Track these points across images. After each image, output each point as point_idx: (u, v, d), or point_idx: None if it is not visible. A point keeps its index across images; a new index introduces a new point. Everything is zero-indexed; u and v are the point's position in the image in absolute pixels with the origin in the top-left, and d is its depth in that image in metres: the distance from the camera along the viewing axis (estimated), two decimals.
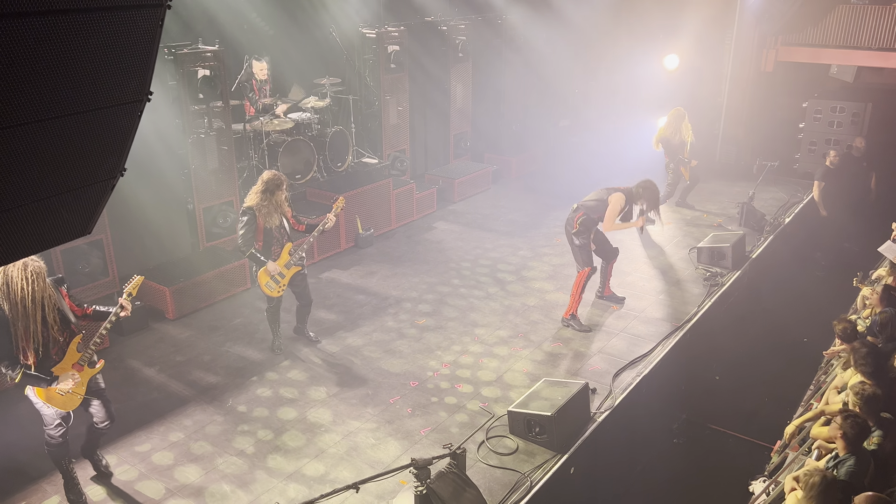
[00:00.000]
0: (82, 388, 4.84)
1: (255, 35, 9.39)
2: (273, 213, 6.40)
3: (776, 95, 13.28)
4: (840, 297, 8.68)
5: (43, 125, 2.17)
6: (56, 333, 4.69)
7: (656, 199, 7.56)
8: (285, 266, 6.62)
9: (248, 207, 6.36)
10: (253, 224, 6.37)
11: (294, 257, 6.63)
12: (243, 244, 6.40)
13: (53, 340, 4.68)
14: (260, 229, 6.41)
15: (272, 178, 6.37)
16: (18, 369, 4.50)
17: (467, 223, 10.61)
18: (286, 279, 6.69)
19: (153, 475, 5.38)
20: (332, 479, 5.34)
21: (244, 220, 6.36)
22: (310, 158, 9.59)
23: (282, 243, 6.58)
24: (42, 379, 4.61)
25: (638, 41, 13.64)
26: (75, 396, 4.80)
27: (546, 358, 7.01)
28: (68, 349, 4.77)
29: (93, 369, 4.91)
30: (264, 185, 6.36)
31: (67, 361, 4.77)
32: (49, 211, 2.46)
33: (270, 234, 6.47)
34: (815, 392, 6.69)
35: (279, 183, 6.37)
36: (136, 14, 2.22)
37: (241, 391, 6.43)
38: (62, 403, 4.77)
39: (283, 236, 6.59)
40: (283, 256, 6.60)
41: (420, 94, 11.71)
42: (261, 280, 6.56)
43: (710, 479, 6.48)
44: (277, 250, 6.56)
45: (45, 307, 4.59)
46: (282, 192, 6.41)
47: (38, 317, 4.55)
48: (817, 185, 10.45)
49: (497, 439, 5.81)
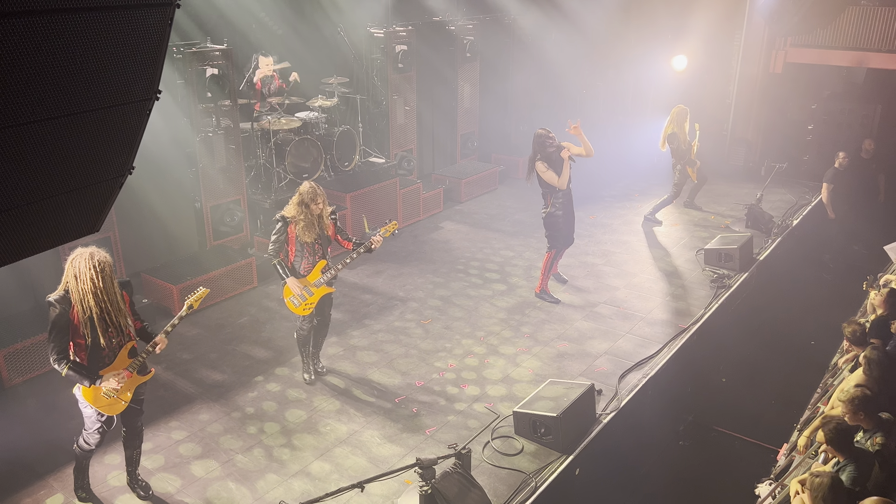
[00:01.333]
0: (128, 393, 4.72)
1: (263, 34, 9.41)
2: (310, 228, 6.00)
3: (785, 97, 13.22)
4: (848, 300, 8.63)
5: (51, 123, 2.18)
6: (112, 336, 4.56)
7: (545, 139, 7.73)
8: (314, 284, 6.17)
9: (282, 216, 6.04)
10: (283, 234, 6.03)
11: (325, 276, 6.18)
12: (270, 252, 6.09)
13: (107, 342, 4.55)
14: (291, 241, 6.07)
15: (307, 189, 5.98)
16: (65, 364, 4.42)
17: (474, 223, 10.61)
18: (314, 297, 6.21)
19: (160, 472, 5.39)
20: (337, 477, 5.35)
21: (277, 227, 6.06)
22: (317, 157, 9.61)
23: (315, 259, 6.17)
24: (87, 377, 4.49)
25: (646, 41, 13.61)
26: (120, 402, 4.68)
27: (552, 358, 7.01)
28: (119, 354, 4.64)
29: (143, 377, 4.80)
30: (299, 197, 6.00)
31: (117, 366, 4.63)
32: (57, 208, 2.47)
33: (304, 248, 6.09)
34: (822, 395, 6.65)
35: (314, 195, 5.95)
36: (145, 13, 2.23)
37: (247, 389, 6.44)
38: (107, 406, 4.65)
39: (317, 253, 6.16)
40: (313, 273, 6.18)
41: (427, 94, 11.71)
42: (285, 294, 6.21)
43: (715, 482, 6.45)
44: (309, 266, 6.17)
45: (110, 306, 4.46)
46: (318, 205, 5.97)
47: (98, 316, 4.43)
48: (826, 187, 10.40)
49: (502, 440, 5.81)
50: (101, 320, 4.47)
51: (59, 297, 4.42)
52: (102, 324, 4.48)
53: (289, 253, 6.13)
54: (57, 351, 4.43)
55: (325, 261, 6.20)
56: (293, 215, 6.00)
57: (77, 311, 4.41)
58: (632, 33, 13.91)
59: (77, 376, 4.49)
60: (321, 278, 6.18)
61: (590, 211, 11.06)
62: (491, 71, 12.79)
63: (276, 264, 6.07)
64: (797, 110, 13.13)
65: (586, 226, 10.47)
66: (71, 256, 4.42)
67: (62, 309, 4.40)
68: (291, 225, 6.00)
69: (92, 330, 4.46)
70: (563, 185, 7.78)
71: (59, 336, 4.43)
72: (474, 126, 12.62)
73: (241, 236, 8.86)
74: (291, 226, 6.00)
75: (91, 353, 4.53)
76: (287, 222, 6.02)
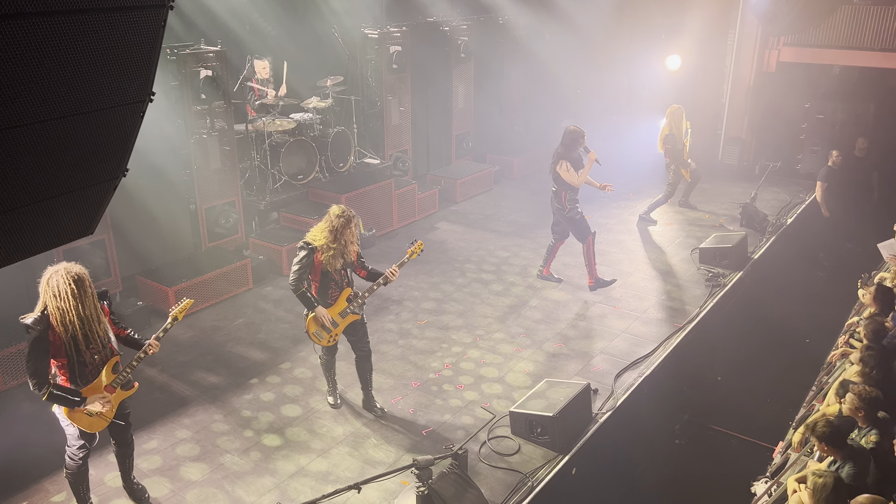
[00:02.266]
0: (112, 411, 4.61)
1: (257, 35, 9.40)
2: (338, 256, 5.54)
3: (779, 96, 13.26)
4: (842, 298, 8.66)
5: (45, 126, 2.18)
6: (94, 352, 4.43)
7: (578, 137, 7.91)
8: (340, 314, 5.76)
9: (307, 243, 5.53)
10: (309, 262, 5.53)
11: (352, 305, 5.77)
12: (293, 281, 5.54)
13: (89, 360, 4.42)
14: (317, 269, 5.60)
15: (340, 214, 5.49)
16: (46, 388, 4.26)
17: (469, 223, 10.62)
18: (340, 328, 5.82)
19: (156, 475, 5.38)
20: (334, 478, 5.35)
21: (300, 255, 5.52)
22: (312, 159, 9.60)
23: (341, 287, 5.73)
24: (70, 400, 4.36)
25: (640, 41, 13.63)
26: (102, 419, 4.56)
27: (548, 358, 7.01)
28: (103, 370, 4.51)
29: (126, 392, 4.68)
30: (331, 224, 5.48)
31: (100, 383, 4.51)
32: (52, 211, 2.46)
33: (329, 276, 5.64)
34: (817, 393, 6.68)
35: (348, 220, 5.49)
36: (138, 15, 2.22)
37: (243, 391, 6.43)
38: (88, 424, 4.52)
39: (344, 280, 5.74)
40: (339, 303, 5.74)
41: (422, 95, 11.71)
42: (309, 328, 5.71)
43: (711, 480, 6.47)
44: (335, 294, 5.72)
45: (92, 322, 4.32)
46: (350, 231, 5.52)
47: (88, 328, 4.30)
48: (820, 186, 10.44)
49: (499, 440, 5.81)
50: (84, 337, 4.32)
51: (35, 318, 4.24)
52: (85, 340, 4.33)
53: (311, 281, 5.68)
54: (37, 376, 4.26)
55: (350, 289, 5.78)
56: (322, 243, 5.50)
57: (58, 331, 4.24)
58: (625, 33, 13.94)
59: (60, 401, 4.35)
60: (347, 307, 5.77)
61: (585, 210, 11.02)
62: (485, 71, 12.80)
63: (304, 291, 5.57)
64: (791, 109, 13.17)
65: None
66: (45, 276, 4.25)
67: (40, 331, 4.22)
68: (318, 252, 5.51)
69: (75, 348, 4.31)
70: (579, 185, 8.01)
71: (39, 359, 4.26)
72: (469, 126, 12.62)
73: (236, 238, 8.84)
74: (318, 253, 5.52)
75: (74, 372, 4.40)
76: (313, 250, 5.51)
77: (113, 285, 7.64)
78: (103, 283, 7.55)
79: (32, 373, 4.26)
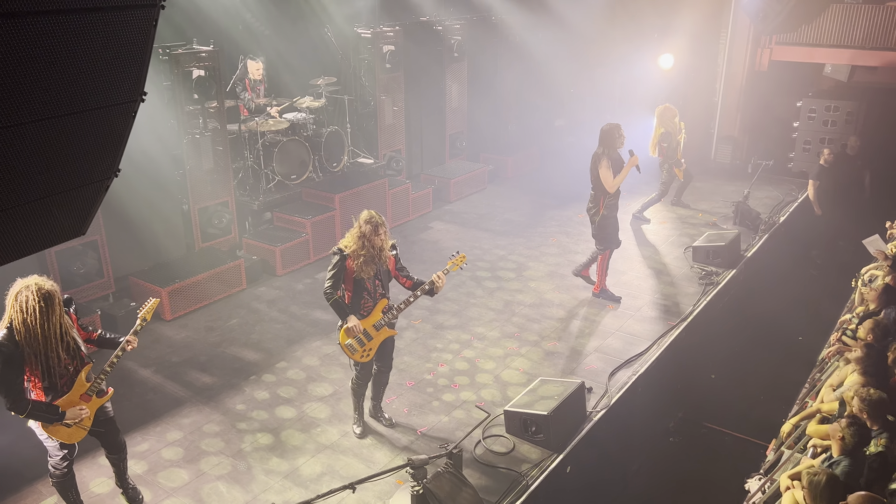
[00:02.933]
0: (89, 420, 4.56)
1: (250, 35, 9.37)
2: (370, 262, 5.35)
3: (771, 94, 13.32)
4: (835, 296, 8.71)
5: (37, 126, 2.17)
6: (67, 363, 4.38)
7: (615, 132, 7.54)
8: (374, 326, 5.49)
9: (339, 249, 5.38)
10: (342, 268, 5.35)
11: (387, 317, 5.51)
12: (328, 288, 5.34)
13: (63, 371, 4.38)
14: (349, 277, 5.38)
15: (368, 218, 5.33)
16: (25, 407, 4.19)
17: (463, 223, 10.62)
18: (374, 342, 5.54)
19: (150, 476, 5.37)
20: (328, 479, 5.34)
21: (333, 261, 5.37)
22: (305, 159, 9.58)
23: (375, 298, 5.50)
24: (49, 416, 4.31)
25: (633, 40, 13.66)
26: (80, 430, 4.52)
27: (542, 357, 7.02)
28: (77, 380, 4.46)
29: (101, 399, 4.62)
30: (359, 229, 5.34)
31: (75, 393, 4.45)
32: (43, 212, 2.45)
33: (362, 285, 5.42)
34: (810, 390, 6.70)
35: (376, 226, 5.30)
36: (129, 14, 2.22)
37: (237, 392, 6.42)
38: (66, 436, 4.47)
39: (378, 290, 5.51)
40: (373, 314, 5.49)
41: (416, 94, 11.70)
42: (342, 339, 5.46)
43: (705, 478, 6.49)
44: (369, 305, 5.49)
45: (61, 336, 4.27)
46: (380, 237, 5.32)
47: (51, 347, 4.24)
48: (812, 184, 10.48)
49: (493, 438, 5.81)
50: (54, 351, 4.26)
51: (2, 335, 4.15)
52: (55, 355, 4.27)
53: (344, 290, 5.48)
54: (12, 397, 4.16)
55: (386, 300, 5.54)
56: (353, 248, 5.34)
57: (25, 350, 4.17)
58: (618, 32, 13.97)
59: (40, 418, 4.31)
60: (382, 319, 5.50)
61: (579, 209, 11.10)
62: (479, 70, 12.81)
63: (337, 299, 5.36)
64: (783, 108, 13.23)
65: (575, 224, 10.50)
66: (13, 290, 4.18)
67: (9, 351, 4.13)
68: (350, 259, 5.33)
69: (46, 363, 4.25)
70: (613, 189, 7.55)
71: (12, 380, 4.17)
72: (463, 126, 12.63)
73: (230, 238, 8.82)
74: (350, 259, 5.33)
75: (48, 386, 4.34)
76: (345, 256, 5.34)
77: (106, 286, 7.61)
78: (96, 284, 7.53)
79: (6, 394, 4.15)
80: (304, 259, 9.01)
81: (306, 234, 8.99)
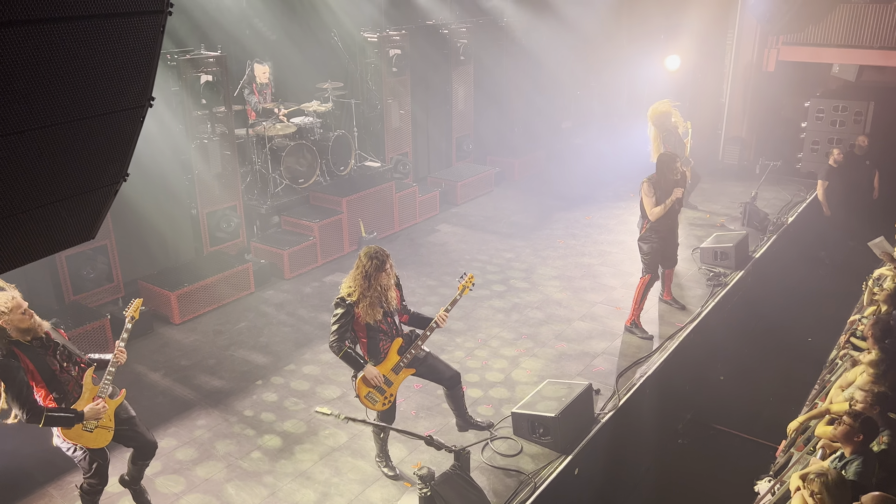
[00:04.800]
0: (110, 420, 4.52)
1: (257, 40, 9.42)
2: (376, 305, 4.96)
3: (778, 95, 13.27)
4: (844, 297, 8.66)
5: (46, 132, 2.19)
6: (68, 369, 4.40)
7: (671, 164, 7.05)
8: (393, 370, 5.12)
9: (342, 298, 4.98)
10: (349, 318, 4.98)
11: (405, 359, 5.14)
12: (334, 342, 4.98)
13: (67, 377, 4.39)
14: (360, 323, 5.03)
15: (373, 255, 4.93)
16: (41, 416, 4.20)
17: (470, 225, 10.63)
18: (395, 386, 5.15)
19: (159, 479, 5.39)
20: (337, 481, 5.35)
21: (337, 313, 4.97)
22: (312, 162, 9.62)
23: (391, 336, 5.14)
24: (67, 418, 4.30)
25: (639, 42, 13.66)
26: (106, 431, 4.48)
27: (550, 359, 7.02)
28: (84, 381, 4.46)
29: (114, 401, 4.59)
30: (363, 270, 4.92)
31: (87, 395, 4.44)
32: (53, 216, 2.48)
33: (376, 328, 5.04)
34: (819, 391, 6.67)
35: (381, 262, 4.91)
36: (137, 21, 2.24)
37: (246, 395, 6.45)
38: (93, 440, 4.44)
39: (393, 328, 5.14)
40: (390, 357, 5.11)
41: (422, 98, 11.73)
42: (360, 391, 5.03)
43: (715, 480, 6.47)
44: (387, 345, 5.14)
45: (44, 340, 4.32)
46: (386, 274, 4.93)
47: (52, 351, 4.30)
48: (821, 185, 10.43)
49: (501, 441, 5.81)
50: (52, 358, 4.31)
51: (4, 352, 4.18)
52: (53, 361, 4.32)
53: (358, 338, 5.13)
54: (27, 407, 4.18)
55: (400, 339, 5.18)
56: (358, 293, 4.94)
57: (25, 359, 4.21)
58: (625, 34, 13.97)
59: (58, 422, 4.32)
60: (400, 361, 5.14)
61: (586, 211, 11.10)
62: (485, 73, 12.83)
63: (347, 351, 4.99)
64: (790, 108, 13.18)
65: (582, 226, 10.50)
66: None
67: (15, 363, 4.16)
68: (357, 306, 4.98)
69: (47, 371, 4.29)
70: (654, 217, 7.11)
71: (27, 391, 4.19)
72: (469, 128, 12.64)
73: (238, 242, 8.86)
74: (357, 307, 4.98)
75: (59, 398, 4.36)
76: (351, 306, 4.95)
77: (115, 290, 7.66)
78: (106, 288, 7.59)
79: (22, 406, 4.18)
80: (312, 262, 9.04)
81: (314, 238, 9.02)
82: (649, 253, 7.32)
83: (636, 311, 7.41)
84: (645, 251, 7.35)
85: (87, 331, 6.80)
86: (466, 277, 5.36)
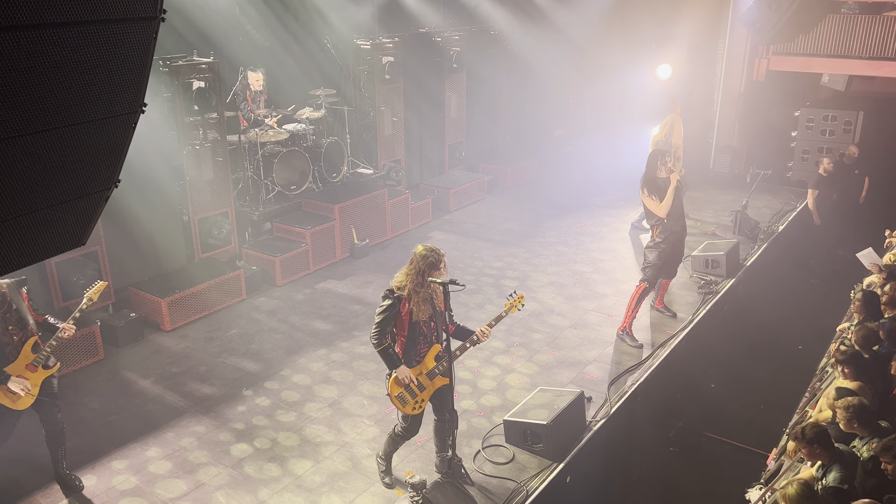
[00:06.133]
0: (36, 388, 4.91)
1: (250, 46, 9.43)
2: (426, 302, 4.85)
3: (768, 104, 13.37)
4: (834, 305, 8.70)
5: (37, 137, 2.18)
6: (13, 332, 4.80)
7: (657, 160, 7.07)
8: (427, 375, 4.99)
9: (391, 290, 4.87)
10: (394, 312, 4.85)
11: (440, 366, 4.99)
12: (376, 334, 4.86)
13: (8, 340, 4.79)
14: (404, 321, 4.89)
15: (427, 254, 4.80)
16: None
17: (463, 233, 10.64)
18: (427, 392, 5.02)
19: (149, 486, 5.36)
20: (328, 489, 5.33)
21: (385, 304, 4.85)
22: (305, 169, 9.62)
23: (430, 342, 5.00)
24: None
25: (631, 51, 13.74)
26: (27, 396, 4.85)
27: (542, 366, 7.02)
28: (23, 349, 4.86)
29: (48, 371, 4.98)
30: (417, 266, 4.81)
31: (21, 362, 4.85)
32: (43, 222, 2.47)
33: (418, 329, 4.91)
34: (810, 399, 6.69)
35: (436, 260, 4.80)
36: (129, 27, 2.24)
37: (237, 402, 6.42)
38: (11, 402, 4.83)
39: (433, 333, 5.00)
40: (426, 361, 4.99)
41: (415, 105, 11.76)
42: (392, 390, 4.93)
43: (706, 487, 6.48)
44: (424, 350, 5.00)
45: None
46: (440, 273, 4.81)
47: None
48: (811, 193, 10.50)
49: (493, 448, 5.81)
50: (2, 318, 4.72)
51: None
52: (3, 322, 4.73)
53: (397, 336, 4.98)
54: None
55: (439, 346, 5.02)
56: (409, 288, 4.82)
57: None
58: (616, 43, 14.04)
59: None
60: (436, 368, 5.00)
61: (578, 219, 11.13)
62: (477, 81, 12.87)
63: (386, 347, 4.87)
64: (780, 117, 13.27)
65: (574, 234, 10.53)
66: None
67: None
68: (405, 301, 4.84)
69: None
70: (664, 214, 6.98)
71: None
72: (462, 136, 12.67)
73: (230, 249, 8.84)
74: (405, 302, 4.84)
75: None
76: (399, 298, 4.83)
77: (105, 297, 7.61)
78: None
79: None
80: (304, 269, 9.02)
81: (306, 245, 9.01)
82: (655, 263, 7.26)
83: (629, 318, 7.43)
84: (651, 261, 7.28)
85: (76, 337, 6.76)
86: (516, 296, 5.17)
